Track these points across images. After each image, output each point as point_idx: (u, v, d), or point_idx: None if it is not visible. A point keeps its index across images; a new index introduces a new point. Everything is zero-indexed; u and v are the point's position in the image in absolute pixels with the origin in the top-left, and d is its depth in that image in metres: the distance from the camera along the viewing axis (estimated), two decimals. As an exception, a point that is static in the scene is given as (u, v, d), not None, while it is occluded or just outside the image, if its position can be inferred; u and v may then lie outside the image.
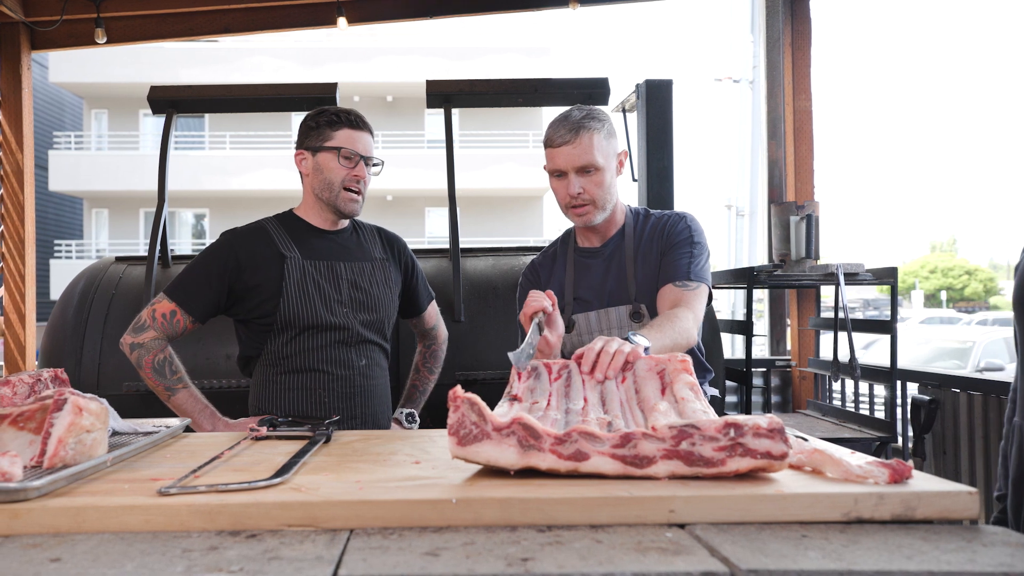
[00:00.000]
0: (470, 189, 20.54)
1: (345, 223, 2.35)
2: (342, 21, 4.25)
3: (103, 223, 22.41)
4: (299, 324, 2.18)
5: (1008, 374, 11.35)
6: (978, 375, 3.18)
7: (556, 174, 2.15)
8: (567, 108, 2.20)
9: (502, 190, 21.43)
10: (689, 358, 1.58)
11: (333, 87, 3.33)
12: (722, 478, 1.19)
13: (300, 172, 2.29)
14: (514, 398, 1.57)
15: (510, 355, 1.58)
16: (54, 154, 20.36)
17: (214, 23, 4.40)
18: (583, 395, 1.55)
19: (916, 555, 0.96)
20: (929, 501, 1.11)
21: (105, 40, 4.14)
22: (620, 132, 3.96)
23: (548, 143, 2.16)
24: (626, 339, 1.80)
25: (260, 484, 1.18)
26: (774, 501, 1.11)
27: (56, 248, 21.03)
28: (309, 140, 2.24)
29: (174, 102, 3.24)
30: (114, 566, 0.94)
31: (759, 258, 12.25)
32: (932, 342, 13.41)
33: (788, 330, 4.87)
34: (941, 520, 1.11)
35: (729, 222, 15.41)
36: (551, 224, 23.51)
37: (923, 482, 1.17)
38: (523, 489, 1.14)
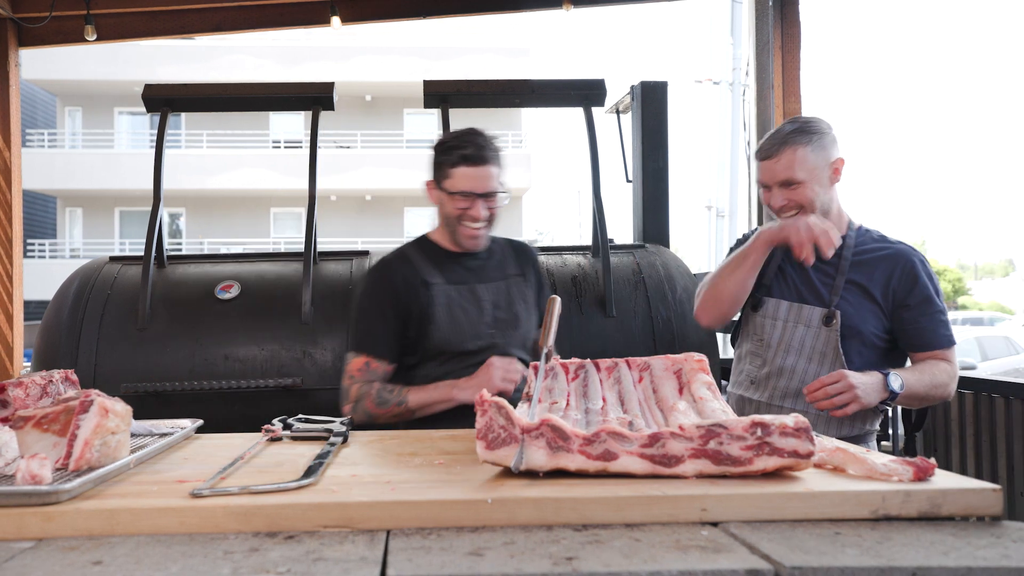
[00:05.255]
0: (450, 189, 20.46)
1: None
2: (336, 20, 4.23)
3: (77, 222, 22.11)
4: (451, 350, 2.17)
5: (980, 372, 11.57)
6: (970, 374, 3.23)
7: (763, 185, 2.22)
8: (787, 120, 2.24)
9: (482, 190, 21.39)
10: (705, 357, 1.60)
11: (330, 87, 3.32)
12: (749, 477, 1.21)
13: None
14: (526, 397, 1.58)
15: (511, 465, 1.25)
16: (27, 152, 19.98)
17: (206, 21, 4.35)
18: (601, 395, 1.56)
19: (951, 551, 0.98)
20: (955, 498, 1.13)
21: (95, 37, 4.09)
22: (614, 133, 3.98)
23: (756, 155, 2.22)
24: (885, 375, 2.04)
25: (292, 485, 1.17)
26: (804, 499, 1.13)
27: (29, 247, 20.71)
28: (434, 171, 2.24)
29: (169, 100, 3.21)
30: (158, 568, 0.94)
31: (739, 259, 12.27)
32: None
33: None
34: (964, 517, 1.14)
35: (709, 223, 15.53)
36: (530, 224, 23.56)
37: (946, 479, 1.19)
38: (556, 489, 1.15)
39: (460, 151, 2.17)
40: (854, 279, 2.18)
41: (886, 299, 2.17)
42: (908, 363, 2.26)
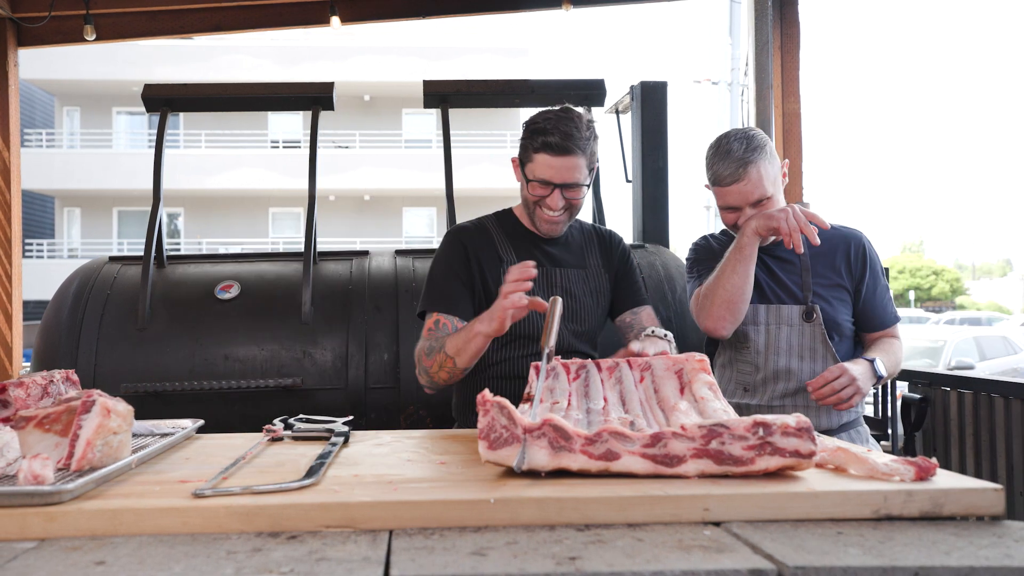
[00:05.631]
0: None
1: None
2: (335, 20, 4.22)
3: (75, 222, 22.09)
4: (512, 332, 2.04)
5: (979, 372, 11.59)
6: (969, 374, 3.24)
7: (731, 209, 2.17)
8: (724, 139, 2.17)
9: (479, 190, 21.37)
10: (706, 357, 1.60)
11: (330, 87, 3.32)
12: (751, 476, 1.21)
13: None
14: (527, 398, 1.58)
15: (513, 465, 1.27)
16: (25, 152, 19.96)
17: (206, 21, 4.34)
18: (603, 395, 1.56)
19: (953, 551, 0.99)
20: (956, 498, 1.14)
21: (95, 37, 4.08)
22: (613, 133, 3.98)
23: (716, 182, 2.16)
24: (870, 361, 2.12)
25: (294, 486, 1.17)
26: (806, 499, 1.13)
27: (27, 247, 20.69)
28: (520, 150, 2.16)
29: (169, 100, 3.21)
30: (161, 568, 0.94)
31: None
32: (905, 341, 13.53)
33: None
34: (965, 516, 1.14)
35: (708, 223, 15.50)
36: (529, 224, 23.49)
37: (948, 479, 1.20)
38: (558, 489, 1.15)
39: (544, 137, 2.06)
40: (819, 270, 2.20)
41: (851, 282, 2.22)
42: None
